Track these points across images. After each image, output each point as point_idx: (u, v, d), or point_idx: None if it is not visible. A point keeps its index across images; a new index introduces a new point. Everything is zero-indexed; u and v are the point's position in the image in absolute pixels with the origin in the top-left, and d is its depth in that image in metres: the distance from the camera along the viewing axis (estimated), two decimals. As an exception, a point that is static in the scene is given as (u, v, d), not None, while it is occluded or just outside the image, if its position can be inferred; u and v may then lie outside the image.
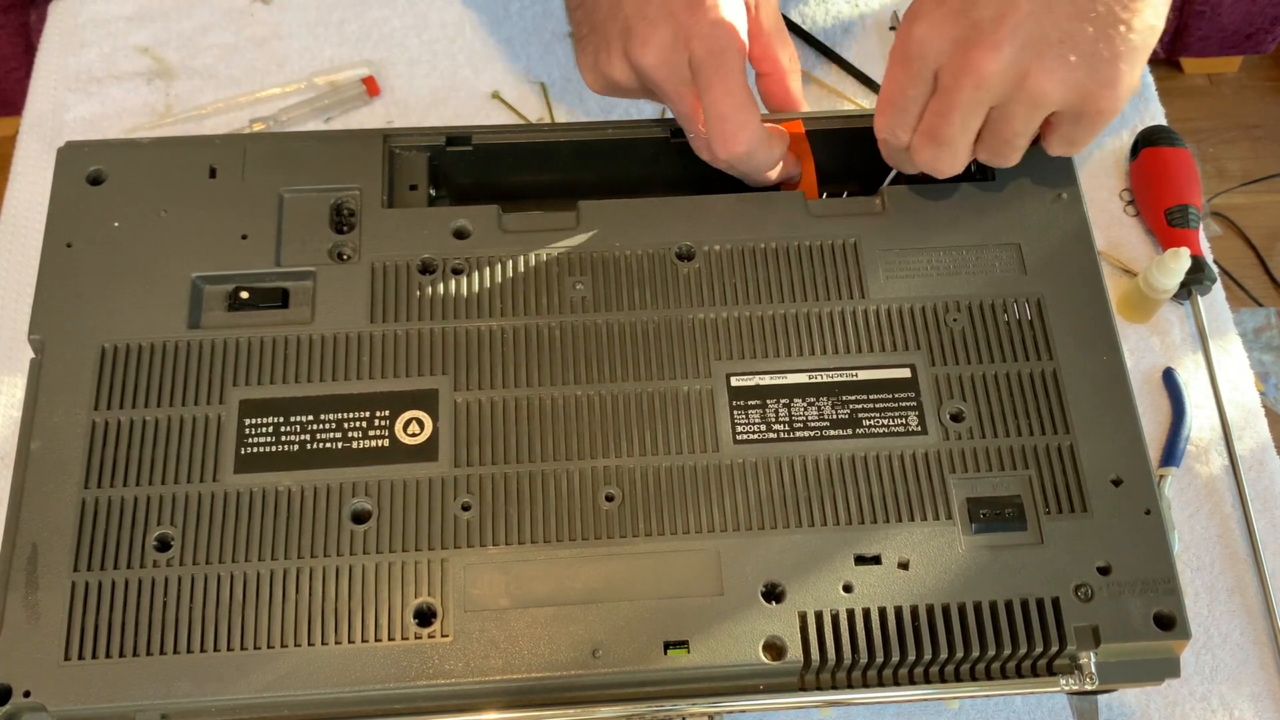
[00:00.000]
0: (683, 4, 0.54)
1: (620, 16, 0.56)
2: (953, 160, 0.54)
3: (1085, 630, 0.49)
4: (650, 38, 0.55)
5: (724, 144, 0.55)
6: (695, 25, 0.54)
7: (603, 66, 0.58)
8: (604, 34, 0.57)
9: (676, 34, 0.54)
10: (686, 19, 0.54)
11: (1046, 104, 0.51)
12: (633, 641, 0.48)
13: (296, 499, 0.50)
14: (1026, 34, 0.50)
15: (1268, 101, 1.84)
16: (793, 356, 0.54)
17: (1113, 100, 0.51)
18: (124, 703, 0.47)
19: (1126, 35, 0.50)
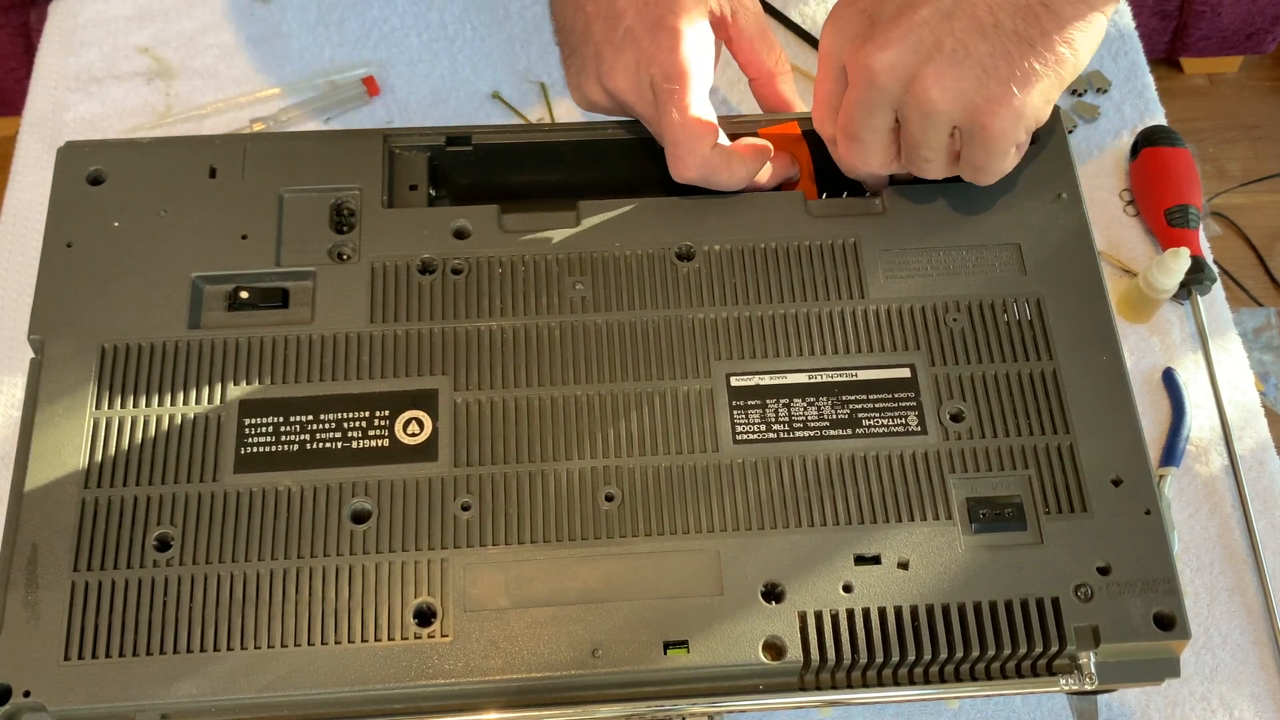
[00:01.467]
0: (645, 28, 0.55)
1: (592, 42, 0.57)
2: (866, 158, 0.55)
3: (1085, 630, 0.49)
4: (617, 63, 0.56)
5: (676, 168, 0.56)
6: (655, 50, 0.55)
7: (583, 88, 0.59)
8: (581, 58, 0.58)
9: (639, 59, 0.56)
10: (648, 44, 0.55)
11: (934, 112, 0.51)
12: (632, 641, 0.48)
13: (296, 499, 0.50)
14: (919, 38, 0.50)
15: (1268, 101, 1.84)
16: (792, 356, 0.54)
17: (1000, 119, 0.50)
18: (124, 703, 0.47)
19: (1029, 58, 0.50)
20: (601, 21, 0.57)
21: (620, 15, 0.56)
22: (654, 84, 0.55)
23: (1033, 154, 0.59)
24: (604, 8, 0.57)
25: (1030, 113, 0.51)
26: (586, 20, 0.57)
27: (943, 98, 0.50)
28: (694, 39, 0.56)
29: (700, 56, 0.56)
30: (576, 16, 0.58)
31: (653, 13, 0.56)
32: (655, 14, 0.56)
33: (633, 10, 0.56)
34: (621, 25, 0.56)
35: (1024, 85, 0.50)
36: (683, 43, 0.55)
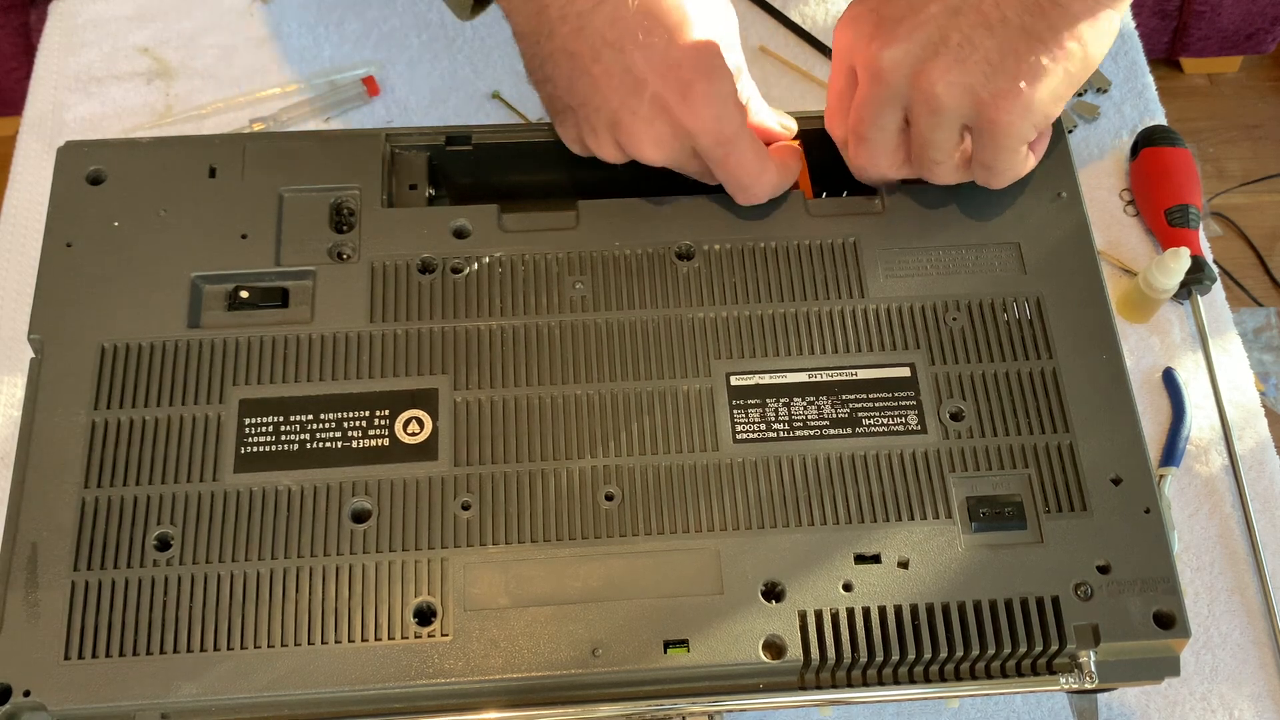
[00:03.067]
0: (676, 98, 0.51)
1: (604, 108, 0.52)
2: (875, 159, 0.55)
3: (1085, 629, 0.49)
4: (645, 134, 0.52)
5: (750, 201, 0.56)
6: (694, 120, 0.51)
7: (590, 145, 0.55)
8: (586, 119, 0.54)
9: (675, 130, 0.52)
10: (684, 114, 0.51)
11: (940, 108, 0.50)
12: (632, 641, 0.48)
13: (296, 498, 0.50)
14: (926, 35, 0.50)
15: (1268, 101, 1.84)
16: (792, 356, 0.54)
17: (1007, 114, 0.50)
18: (124, 702, 0.47)
19: (1036, 54, 0.49)
20: (615, 87, 0.51)
21: (641, 83, 0.51)
22: (702, 150, 0.53)
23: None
24: (616, 72, 0.51)
25: (1039, 108, 0.50)
26: (592, 82, 0.52)
27: (948, 93, 0.50)
28: (730, 94, 0.52)
29: (739, 107, 0.53)
30: (577, 77, 0.52)
31: (680, 79, 0.51)
32: (683, 80, 0.51)
33: (655, 77, 0.51)
34: (645, 94, 0.51)
35: (1032, 80, 0.50)
36: (721, 104, 0.52)
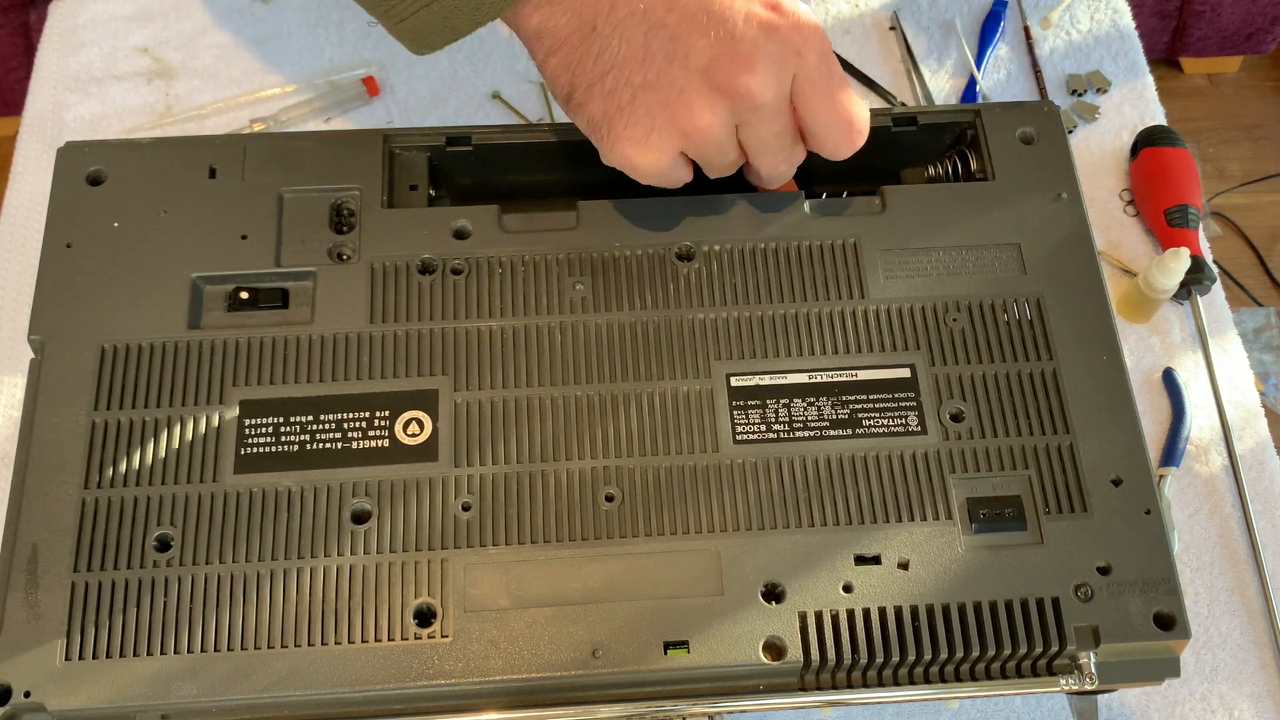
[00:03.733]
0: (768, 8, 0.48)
1: (694, 54, 0.48)
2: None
3: (1085, 630, 0.49)
4: (752, 58, 0.48)
5: (845, 147, 0.52)
6: (797, 30, 0.48)
7: (682, 119, 0.49)
8: (671, 83, 0.48)
9: (781, 47, 0.48)
10: (783, 24, 0.48)
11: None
12: (633, 642, 0.48)
13: (296, 499, 0.50)
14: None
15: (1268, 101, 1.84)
16: (793, 356, 0.54)
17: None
18: (124, 703, 0.47)
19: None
20: (703, 24, 0.47)
21: (732, 7, 0.47)
22: (807, 71, 0.49)
23: (1032, 153, 0.59)
24: (701, 8, 0.47)
25: None
26: (671, 34, 0.48)
27: None
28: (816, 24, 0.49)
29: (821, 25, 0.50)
30: (652, 38, 0.48)
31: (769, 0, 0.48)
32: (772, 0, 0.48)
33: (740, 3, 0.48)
34: (738, 16, 0.47)
35: None
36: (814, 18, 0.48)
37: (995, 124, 0.60)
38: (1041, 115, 0.60)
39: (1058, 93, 0.77)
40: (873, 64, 0.77)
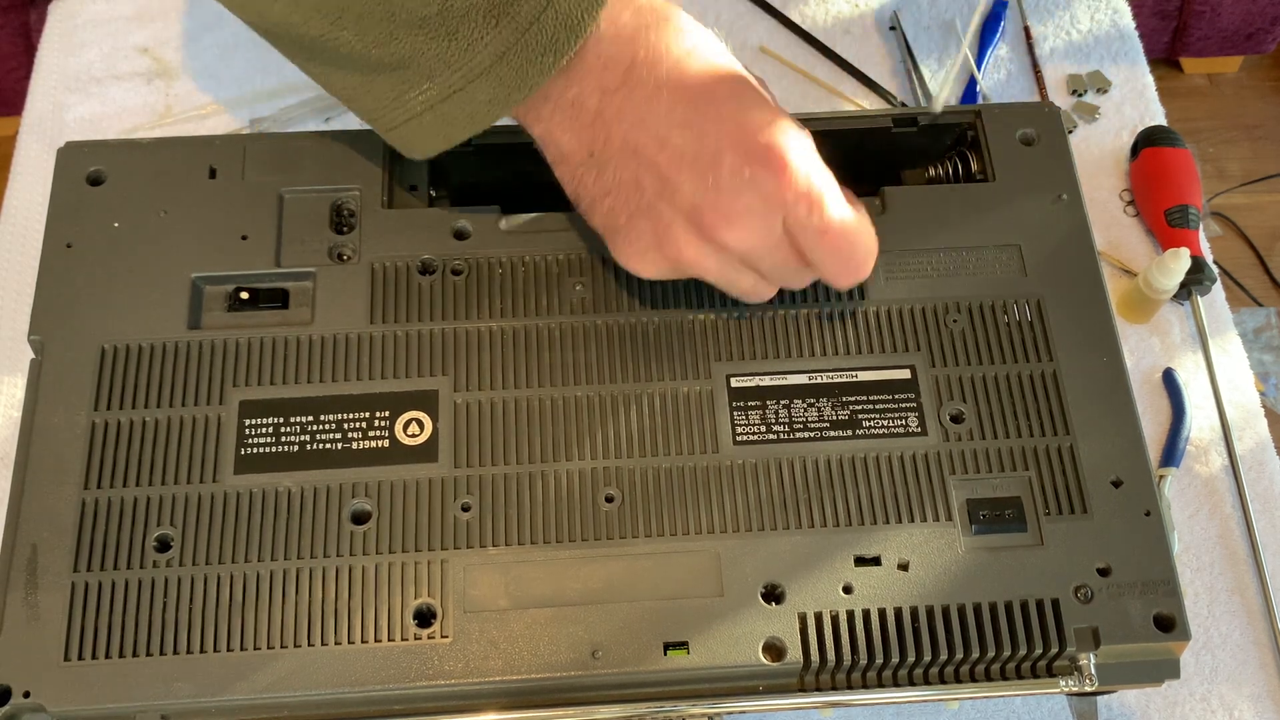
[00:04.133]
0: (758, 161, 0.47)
1: (681, 197, 0.48)
2: None
3: (1085, 631, 0.49)
4: (732, 209, 0.48)
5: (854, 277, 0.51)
6: (785, 181, 0.47)
7: (666, 251, 0.50)
8: (660, 217, 0.49)
9: (765, 199, 0.48)
10: (770, 176, 0.47)
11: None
12: (632, 642, 0.48)
13: (296, 499, 0.50)
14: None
15: (1268, 101, 1.84)
16: (792, 357, 0.54)
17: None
18: (124, 703, 0.47)
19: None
20: (689, 168, 0.47)
21: (718, 156, 0.47)
22: (795, 222, 0.48)
23: (1033, 154, 0.59)
24: (689, 153, 0.47)
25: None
26: (660, 174, 0.48)
27: None
28: (814, 151, 0.49)
29: (825, 170, 0.49)
30: (643, 174, 0.48)
31: (760, 142, 0.47)
32: (762, 143, 0.47)
33: (732, 146, 0.47)
34: (724, 167, 0.47)
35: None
36: (809, 160, 0.48)
37: (995, 125, 0.60)
38: (1042, 116, 0.60)
39: (1058, 93, 0.77)
40: (873, 64, 0.77)
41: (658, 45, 0.47)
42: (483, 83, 0.45)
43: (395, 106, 0.47)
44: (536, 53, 0.45)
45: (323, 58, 0.47)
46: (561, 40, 0.45)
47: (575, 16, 0.45)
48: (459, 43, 0.44)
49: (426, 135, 0.48)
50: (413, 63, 0.45)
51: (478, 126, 0.47)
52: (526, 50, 0.45)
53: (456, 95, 0.46)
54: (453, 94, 0.46)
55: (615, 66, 0.47)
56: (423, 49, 0.45)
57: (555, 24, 0.45)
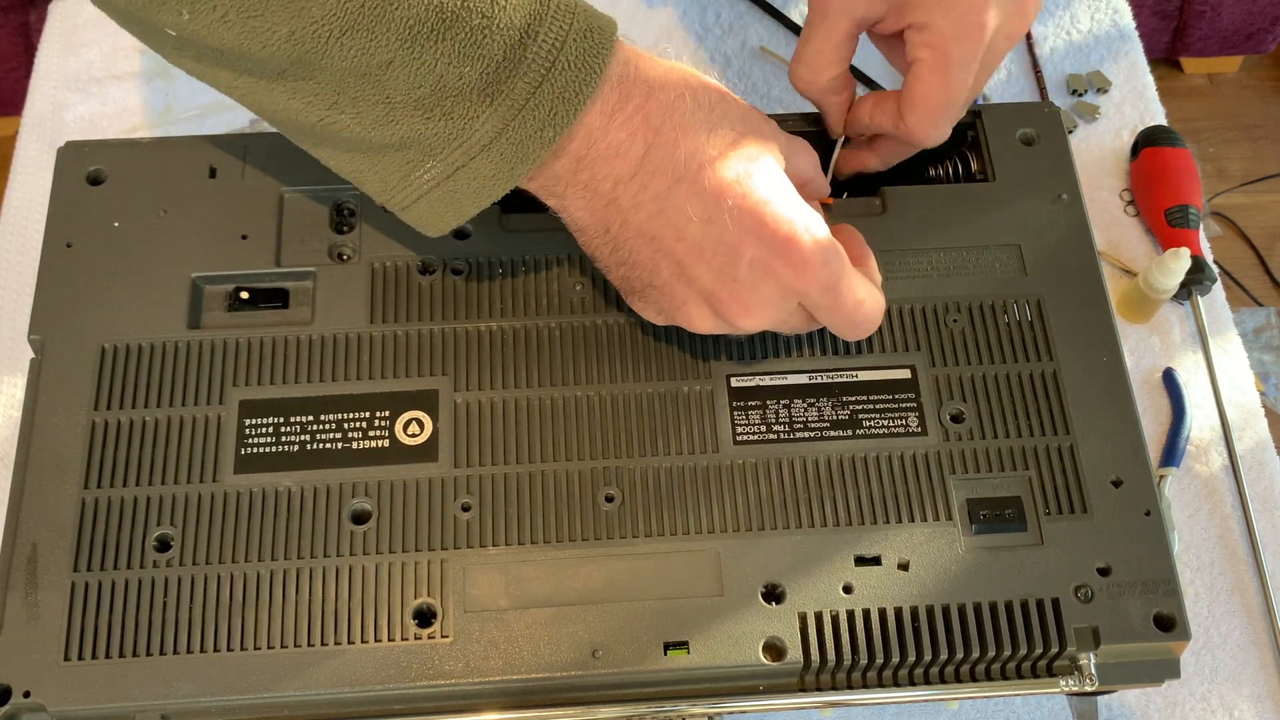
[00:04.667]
0: (778, 255, 0.48)
1: (698, 284, 0.49)
2: None
3: (1085, 631, 0.49)
4: (750, 300, 0.49)
5: (861, 336, 0.52)
6: (802, 275, 0.48)
7: (680, 320, 0.51)
8: (675, 295, 0.50)
9: (781, 289, 0.49)
10: (788, 270, 0.48)
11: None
12: (632, 642, 0.48)
13: (296, 499, 0.50)
14: None
15: (1268, 101, 1.84)
16: (793, 357, 0.54)
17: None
18: (124, 703, 0.47)
19: None
20: (708, 261, 0.48)
21: (736, 251, 0.47)
22: (812, 302, 0.50)
23: (1033, 154, 0.59)
24: (708, 245, 0.48)
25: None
26: (677, 262, 0.49)
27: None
28: (828, 236, 0.49)
29: (839, 247, 0.49)
30: (660, 259, 0.49)
31: (778, 236, 0.47)
32: (781, 237, 0.47)
33: (752, 240, 0.47)
34: (743, 261, 0.47)
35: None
36: (825, 251, 0.48)
37: (995, 125, 0.60)
38: (1042, 116, 0.60)
39: (1058, 93, 0.77)
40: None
41: (673, 134, 0.47)
42: (484, 158, 0.46)
43: (403, 186, 0.47)
44: (535, 127, 0.45)
45: (328, 142, 0.47)
46: (560, 114, 0.45)
47: (571, 90, 0.45)
48: (455, 121, 0.45)
49: (438, 213, 0.48)
50: (414, 143, 0.45)
51: (486, 201, 0.47)
52: (525, 125, 0.45)
53: (460, 172, 0.46)
54: (456, 171, 0.46)
55: (627, 155, 0.47)
56: (421, 129, 0.45)
57: (552, 98, 0.45)
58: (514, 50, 0.44)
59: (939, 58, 0.53)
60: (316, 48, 0.43)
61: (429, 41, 0.43)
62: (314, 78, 0.44)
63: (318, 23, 0.42)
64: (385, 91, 0.44)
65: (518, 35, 0.44)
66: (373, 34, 0.43)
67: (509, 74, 0.44)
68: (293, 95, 0.45)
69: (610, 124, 0.47)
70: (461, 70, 0.44)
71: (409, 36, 0.43)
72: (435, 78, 0.44)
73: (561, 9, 0.45)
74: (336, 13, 0.42)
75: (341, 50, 0.43)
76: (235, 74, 0.46)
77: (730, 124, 0.49)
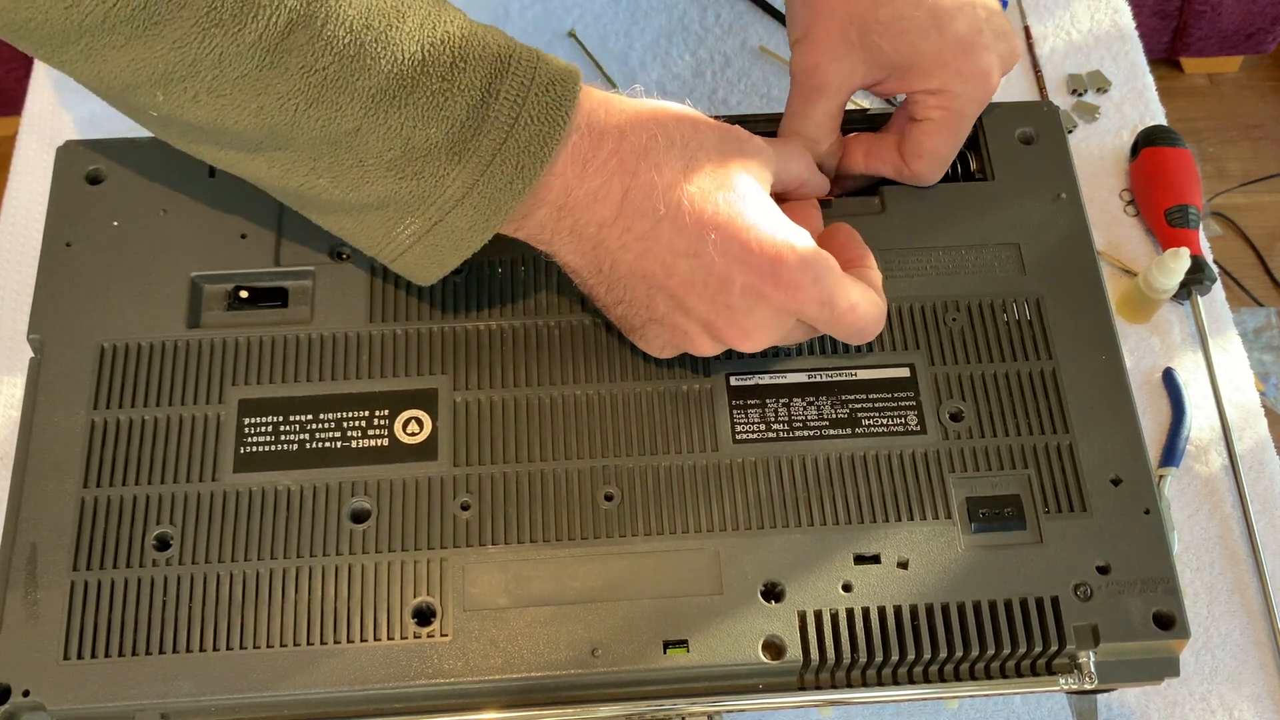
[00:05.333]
0: (767, 280, 0.48)
1: (695, 315, 0.50)
2: None
3: (1084, 629, 0.49)
4: (746, 325, 0.49)
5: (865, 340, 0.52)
6: (794, 296, 0.49)
7: (683, 348, 0.52)
8: (675, 327, 0.51)
9: (776, 310, 0.49)
10: (779, 293, 0.49)
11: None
12: (632, 641, 0.48)
13: (296, 498, 0.50)
14: None
15: (1268, 101, 1.84)
16: (792, 356, 0.54)
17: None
18: (123, 702, 0.47)
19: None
20: (700, 292, 0.49)
21: (727, 280, 0.48)
22: (809, 318, 0.50)
23: (1032, 153, 0.59)
24: (698, 278, 0.49)
25: None
26: (671, 296, 0.49)
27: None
28: (815, 251, 0.49)
29: (828, 258, 0.50)
30: (654, 294, 0.50)
31: (766, 261, 0.48)
32: (769, 261, 0.48)
33: (740, 268, 0.48)
34: (734, 288, 0.48)
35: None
36: (813, 267, 0.49)
37: (995, 124, 0.60)
38: (1041, 115, 0.60)
39: (1058, 93, 0.78)
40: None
41: (649, 174, 0.48)
42: (459, 213, 0.47)
43: (387, 242, 0.48)
44: (504, 181, 0.46)
45: (313, 205, 0.49)
46: (527, 168, 0.46)
47: (537, 144, 0.46)
48: (427, 180, 0.46)
49: (423, 265, 0.49)
50: (391, 201, 0.47)
51: (467, 251, 0.48)
52: (493, 181, 0.46)
53: (438, 226, 0.47)
54: (434, 225, 0.47)
55: (606, 200, 0.48)
56: (395, 188, 0.46)
57: (518, 153, 0.46)
58: (476, 110, 0.46)
59: (954, 118, 0.55)
60: (286, 120, 0.44)
61: (392, 107, 0.45)
62: (288, 147, 0.46)
63: (283, 97, 0.44)
64: (358, 155, 0.46)
65: (479, 95, 0.46)
66: (337, 104, 0.44)
67: (473, 133, 0.46)
68: (272, 164, 0.47)
69: (585, 171, 0.48)
70: (427, 132, 0.45)
71: (372, 104, 0.45)
72: (403, 140, 0.45)
73: (522, 65, 0.46)
74: (300, 87, 0.44)
75: (310, 121, 0.44)
76: (218, 148, 0.47)
77: (706, 154, 0.49)
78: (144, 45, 0.42)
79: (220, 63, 0.42)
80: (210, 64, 0.43)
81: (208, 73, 0.43)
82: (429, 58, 0.45)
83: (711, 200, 0.48)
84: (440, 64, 0.45)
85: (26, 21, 0.42)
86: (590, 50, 0.79)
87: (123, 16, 0.41)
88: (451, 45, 0.46)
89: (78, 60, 0.43)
